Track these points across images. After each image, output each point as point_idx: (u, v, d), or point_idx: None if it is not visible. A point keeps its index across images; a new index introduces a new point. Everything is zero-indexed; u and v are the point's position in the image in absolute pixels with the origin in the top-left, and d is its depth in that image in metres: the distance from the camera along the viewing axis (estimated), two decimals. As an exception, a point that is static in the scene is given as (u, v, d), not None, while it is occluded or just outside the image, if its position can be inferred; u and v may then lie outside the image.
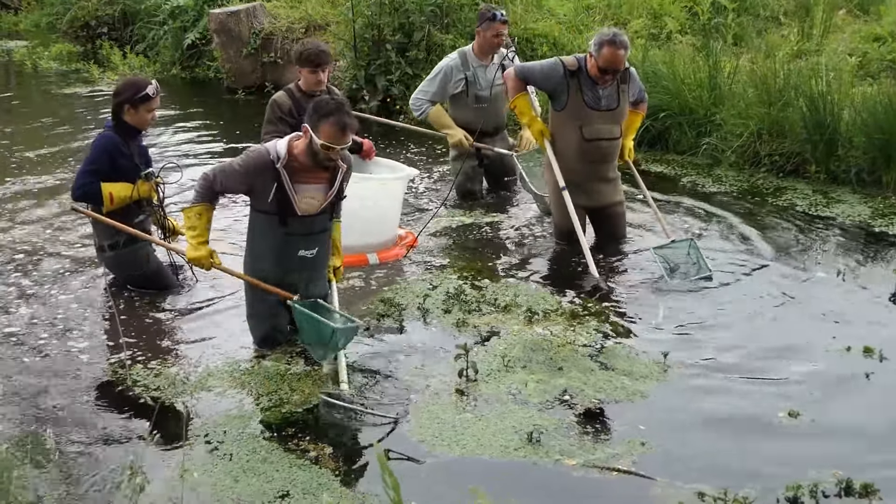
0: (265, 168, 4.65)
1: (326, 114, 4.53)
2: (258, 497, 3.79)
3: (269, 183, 4.65)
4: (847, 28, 10.89)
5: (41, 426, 4.33)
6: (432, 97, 7.33)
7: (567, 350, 4.98)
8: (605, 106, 6.16)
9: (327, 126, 4.52)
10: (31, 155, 9.30)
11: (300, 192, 4.69)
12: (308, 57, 6.24)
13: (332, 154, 4.59)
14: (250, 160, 4.69)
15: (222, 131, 10.65)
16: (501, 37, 7.20)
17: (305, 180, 4.71)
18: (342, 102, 4.71)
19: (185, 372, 4.84)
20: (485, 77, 7.25)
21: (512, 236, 6.91)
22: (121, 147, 5.54)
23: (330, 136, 4.53)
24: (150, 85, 5.55)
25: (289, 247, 4.77)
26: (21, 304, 5.74)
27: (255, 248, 4.88)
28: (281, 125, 6.14)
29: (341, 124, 4.53)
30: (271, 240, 4.77)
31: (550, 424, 4.27)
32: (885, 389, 4.63)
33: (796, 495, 3.71)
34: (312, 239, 4.81)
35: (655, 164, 8.45)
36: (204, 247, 4.80)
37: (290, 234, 4.74)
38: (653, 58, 9.31)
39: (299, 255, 4.79)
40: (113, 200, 5.50)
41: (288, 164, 4.64)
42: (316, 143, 4.54)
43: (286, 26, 12.37)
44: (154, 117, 5.71)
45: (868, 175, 7.62)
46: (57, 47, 15.41)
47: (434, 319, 5.38)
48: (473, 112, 7.27)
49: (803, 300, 5.65)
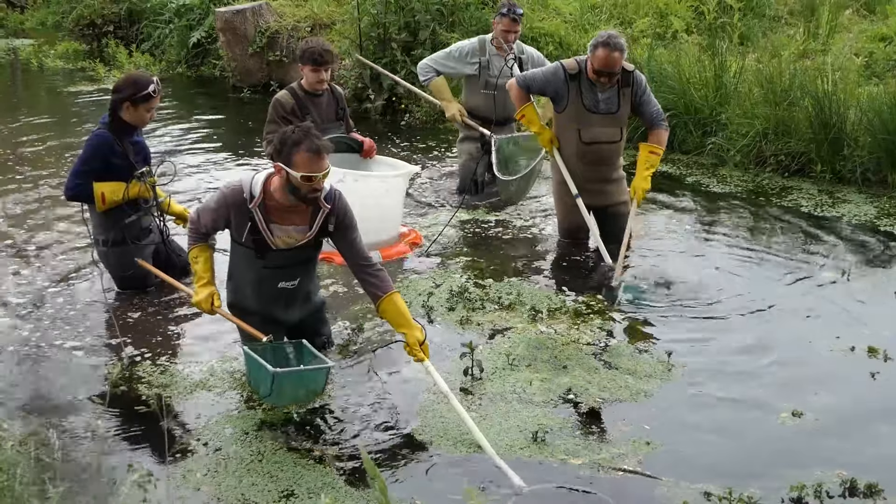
0: (239, 205, 4.39)
1: (296, 143, 4.20)
2: (262, 497, 3.78)
3: (243, 220, 4.40)
4: (853, 28, 10.88)
5: (45, 424, 4.31)
6: (439, 67, 7.47)
7: (571, 349, 4.98)
8: (604, 109, 6.14)
9: (300, 155, 4.19)
10: (34, 152, 9.32)
11: (276, 232, 4.44)
12: (311, 55, 6.23)
13: (315, 184, 4.25)
14: (224, 196, 4.43)
15: (227, 130, 10.67)
16: (511, 33, 7.26)
17: (282, 221, 4.43)
18: (308, 127, 4.33)
19: (188, 371, 4.84)
20: (498, 66, 7.32)
21: (515, 234, 6.91)
22: (114, 146, 5.44)
23: (306, 165, 4.19)
24: (152, 83, 5.44)
25: (268, 279, 4.56)
26: (25, 301, 5.74)
27: (235, 278, 4.67)
28: (283, 125, 6.05)
29: (314, 149, 4.20)
30: (249, 273, 4.56)
31: (555, 424, 4.28)
32: (890, 389, 4.62)
33: (801, 495, 3.71)
34: (292, 271, 4.57)
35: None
36: (204, 289, 4.49)
37: (268, 268, 4.51)
38: (658, 57, 9.30)
39: (279, 287, 4.58)
40: (105, 200, 5.45)
41: (262, 202, 4.37)
42: (294, 177, 4.20)
43: (292, 25, 12.38)
44: (153, 115, 5.62)
45: (874, 175, 7.62)
46: (63, 46, 15.44)
47: (438, 317, 5.38)
48: (483, 98, 7.40)
49: (808, 300, 5.64)
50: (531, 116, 6.38)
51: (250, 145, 9.65)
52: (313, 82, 6.30)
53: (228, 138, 10.15)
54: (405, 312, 4.43)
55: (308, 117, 6.17)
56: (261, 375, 4.29)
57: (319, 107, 6.41)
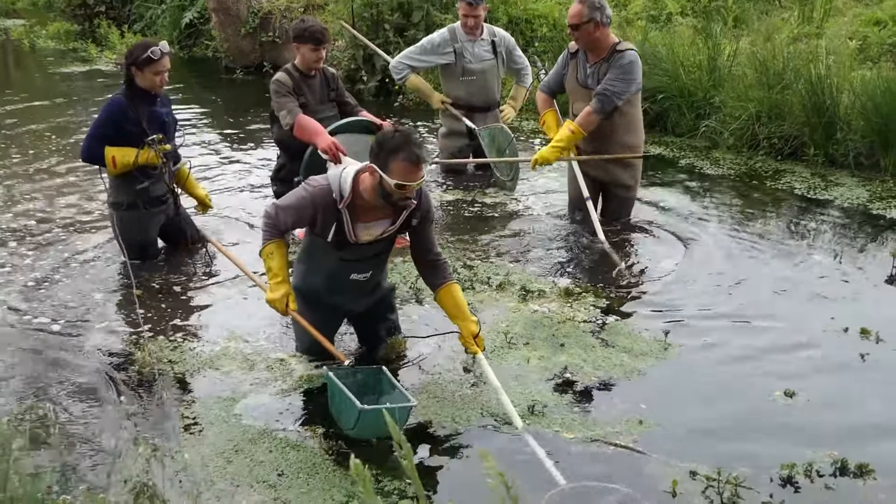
0: (327, 205, 4.22)
1: (394, 149, 4.02)
2: (251, 478, 3.77)
3: (329, 220, 4.24)
4: (848, 11, 10.87)
5: (41, 400, 4.32)
6: (414, 63, 7.47)
7: (568, 326, 5.01)
8: (588, 84, 6.20)
9: (398, 163, 4.01)
10: (28, 132, 9.29)
11: (360, 230, 4.31)
12: (311, 34, 6.13)
13: (408, 192, 4.10)
14: (312, 196, 4.25)
15: (220, 110, 10.65)
16: (469, 17, 7.28)
17: (367, 219, 4.29)
18: (408, 133, 4.13)
19: (197, 350, 4.84)
20: (473, 52, 7.36)
21: (499, 215, 6.91)
22: (127, 111, 5.54)
23: (403, 174, 4.02)
24: (156, 47, 5.50)
25: (342, 271, 4.43)
26: (26, 278, 5.75)
27: (306, 263, 4.55)
28: (290, 97, 6.06)
29: (413, 159, 4.02)
30: (324, 262, 4.43)
31: (551, 400, 4.31)
32: (882, 370, 4.64)
33: (791, 474, 3.72)
34: (366, 263, 4.44)
35: (654, 146, 8.44)
36: (279, 288, 4.36)
37: (344, 260, 4.38)
38: (652, 40, 9.30)
39: (351, 279, 4.46)
40: (116, 164, 5.55)
41: (351, 202, 4.22)
42: (388, 184, 4.04)
43: (284, 5, 12.34)
44: (164, 80, 5.64)
45: (866, 158, 7.63)
46: (54, 26, 15.40)
47: (427, 298, 5.34)
48: (464, 86, 7.42)
49: (801, 282, 5.66)
50: (551, 123, 6.42)
51: (243, 125, 9.65)
52: (311, 61, 6.20)
53: (221, 119, 10.12)
54: (463, 304, 4.38)
55: (301, 98, 6.14)
56: (344, 407, 3.98)
57: (312, 88, 6.34)
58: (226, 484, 3.73)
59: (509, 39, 7.59)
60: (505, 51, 7.47)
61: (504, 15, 10.47)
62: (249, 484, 3.73)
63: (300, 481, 3.74)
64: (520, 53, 7.63)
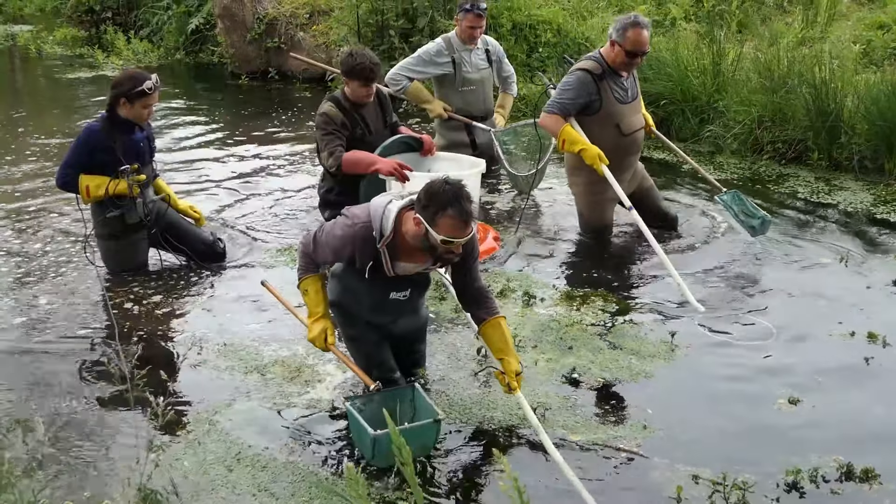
0: (366, 242, 4.01)
1: (444, 204, 3.78)
2: (253, 486, 3.78)
3: (367, 257, 4.04)
4: (852, 15, 10.90)
5: (33, 409, 4.32)
6: (410, 73, 7.36)
7: (576, 329, 5.05)
8: (631, 97, 6.10)
9: (447, 219, 3.79)
10: (32, 139, 9.33)
11: (398, 267, 4.11)
12: (361, 70, 5.94)
13: (454, 248, 3.91)
14: (354, 234, 4.04)
15: (226, 117, 10.65)
16: (475, 29, 7.26)
17: (407, 259, 4.09)
18: (459, 187, 3.84)
19: (199, 357, 4.86)
20: (470, 61, 7.35)
21: (496, 221, 6.87)
22: (103, 141, 5.45)
23: (450, 231, 3.80)
24: (149, 80, 5.40)
25: (379, 289, 4.20)
26: (18, 285, 5.78)
27: (343, 280, 4.28)
28: (338, 135, 5.92)
29: (464, 215, 3.79)
30: (362, 283, 4.17)
31: (556, 403, 4.33)
32: (889, 375, 4.64)
33: (796, 480, 3.73)
34: (405, 282, 4.23)
35: (657, 150, 8.44)
36: (317, 325, 4.21)
37: (380, 279, 4.16)
38: (656, 45, 9.30)
39: (391, 298, 4.25)
40: (89, 193, 5.50)
41: (392, 242, 4.02)
42: (434, 238, 3.83)
43: (290, 11, 12.36)
44: (151, 113, 5.57)
45: (870, 162, 7.63)
46: (61, 32, 15.42)
47: (431, 307, 5.30)
48: (462, 96, 7.37)
49: (807, 286, 5.66)
50: (572, 137, 5.94)
51: (248, 132, 9.66)
52: (361, 96, 6.03)
53: (226, 125, 10.13)
54: (509, 340, 4.12)
55: (358, 130, 6.03)
56: (362, 436, 3.87)
57: (367, 118, 6.15)
58: (227, 492, 3.75)
59: (499, 47, 7.63)
60: (497, 59, 7.50)
61: (508, 21, 10.49)
62: (251, 492, 3.74)
63: (302, 490, 3.75)
64: (507, 61, 7.67)
